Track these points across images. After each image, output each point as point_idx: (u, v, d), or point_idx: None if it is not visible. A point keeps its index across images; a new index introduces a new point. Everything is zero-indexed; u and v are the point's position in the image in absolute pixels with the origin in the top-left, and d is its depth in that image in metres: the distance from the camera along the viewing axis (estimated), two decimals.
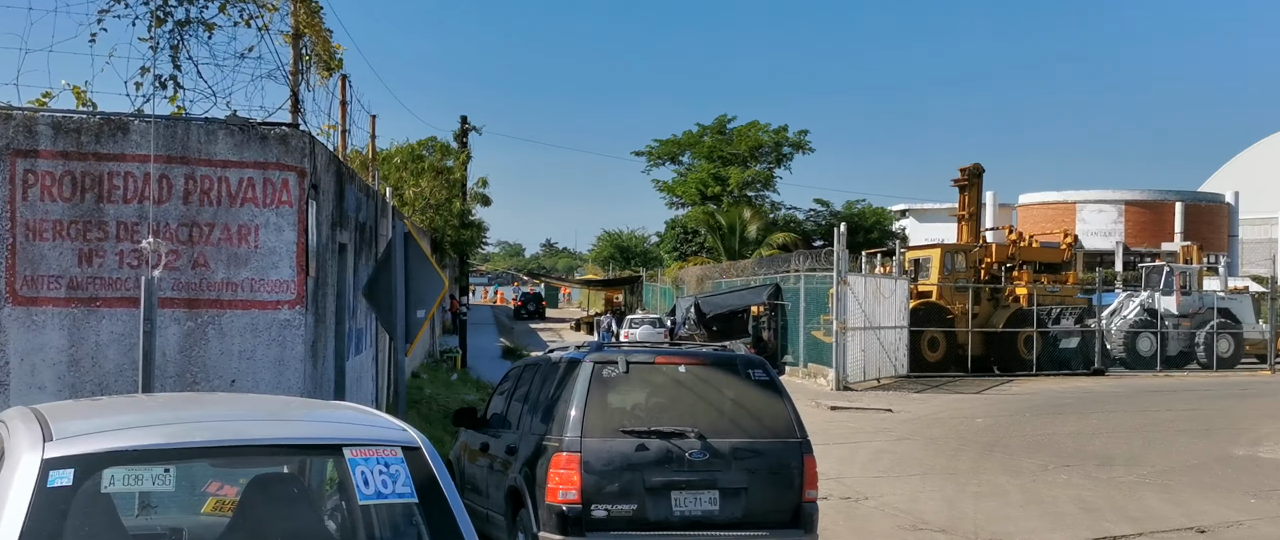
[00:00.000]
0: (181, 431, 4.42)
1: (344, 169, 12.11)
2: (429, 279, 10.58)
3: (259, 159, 9.36)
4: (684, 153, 66.20)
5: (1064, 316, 35.91)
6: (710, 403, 9.24)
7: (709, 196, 61.98)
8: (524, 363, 11.31)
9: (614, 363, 9.17)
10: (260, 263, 9.36)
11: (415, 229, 24.43)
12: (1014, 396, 29.10)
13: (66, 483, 4.03)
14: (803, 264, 36.08)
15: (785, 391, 9.56)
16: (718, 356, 9.67)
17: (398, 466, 4.42)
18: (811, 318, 33.20)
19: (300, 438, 4.72)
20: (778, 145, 62.71)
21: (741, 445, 9.07)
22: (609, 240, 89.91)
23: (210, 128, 9.28)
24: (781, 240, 54.89)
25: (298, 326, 9.44)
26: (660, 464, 8.85)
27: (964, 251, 36.32)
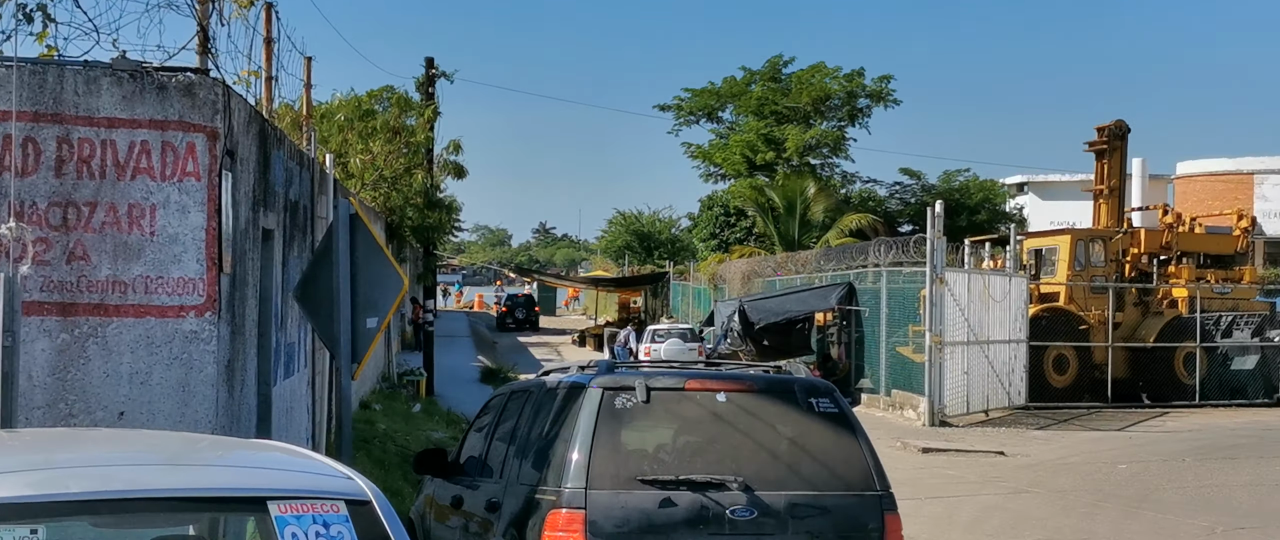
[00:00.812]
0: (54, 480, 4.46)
1: (270, 130, 12.19)
2: (383, 276, 10.64)
3: (156, 116, 9.43)
4: (725, 107, 66.25)
5: (1238, 327, 35.80)
6: (760, 443, 9.26)
7: (759, 166, 62.00)
8: (510, 389, 11.36)
9: (630, 389, 9.19)
10: (158, 255, 9.43)
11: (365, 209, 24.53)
12: (1170, 435, 29.04)
13: None
14: (884, 256, 36.07)
15: (860, 427, 9.57)
16: (770, 380, 9.69)
17: (341, 526, 4.46)
18: (897, 328, 33.20)
19: (213, 488, 4.75)
20: (851, 96, 62.70)
21: (802, 500, 9.08)
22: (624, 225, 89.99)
23: (91, 75, 9.35)
24: (856, 224, 54.91)
25: (208, 340, 9.51)
26: (693, 524, 8.88)
27: (1102, 239, 36.27)
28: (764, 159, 61.62)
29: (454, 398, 34.05)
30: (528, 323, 76.40)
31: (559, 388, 9.81)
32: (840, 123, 63.38)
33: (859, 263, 38.56)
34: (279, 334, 12.93)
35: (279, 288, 12.78)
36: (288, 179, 13.35)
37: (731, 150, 63.26)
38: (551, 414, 9.65)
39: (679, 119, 67.36)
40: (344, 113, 30.91)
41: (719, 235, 64.47)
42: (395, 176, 32.93)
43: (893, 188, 64.90)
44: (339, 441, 11.78)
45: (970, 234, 43.03)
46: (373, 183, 31.58)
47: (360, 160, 30.39)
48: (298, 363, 14.64)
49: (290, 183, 13.57)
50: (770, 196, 58.74)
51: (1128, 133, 38.65)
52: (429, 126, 35.01)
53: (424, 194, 34.40)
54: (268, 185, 11.90)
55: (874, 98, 63.05)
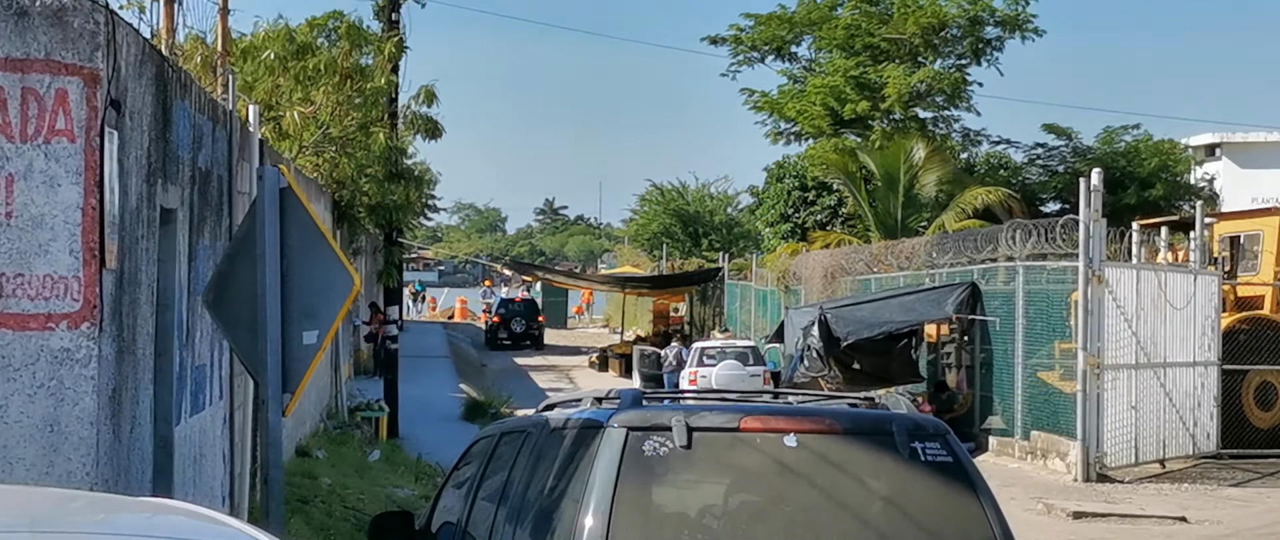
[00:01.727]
0: None
1: (171, 72, 12.30)
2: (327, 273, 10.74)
3: (14, 54, 9.61)
4: (801, 39, 66.31)
5: None
6: (844, 505, 9.29)
7: (848, 121, 62.09)
8: (500, 429, 11.46)
9: (664, 429, 9.23)
10: (16, 244, 9.59)
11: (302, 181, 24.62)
12: None
13: None
14: (1022, 246, 36.01)
15: (984, 483, 9.60)
16: (859, 418, 9.75)
17: None
18: (1039, 346, 33.20)
19: None
20: (975, 24, 62.61)
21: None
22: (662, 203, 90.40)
23: None
24: (982, 201, 54.86)
25: (86, 361, 9.63)
26: None
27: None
28: (855, 111, 61.62)
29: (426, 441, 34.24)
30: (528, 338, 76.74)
31: (567, 427, 9.84)
32: (960, 61, 63.34)
33: (986, 255, 38.50)
34: (184, 353, 13.05)
35: (184, 289, 12.89)
36: (196, 140, 13.45)
37: (810, 99, 63.27)
38: (557, 463, 9.69)
39: (737, 56, 67.45)
40: (274, 49, 30.93)
41: (793, 217, 64.58)
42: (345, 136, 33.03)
43: (1033, 151, 64.92)
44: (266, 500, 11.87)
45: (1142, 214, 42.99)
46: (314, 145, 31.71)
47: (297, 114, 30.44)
48: (210, 392, 14.76)
49: (200, 145, 13.68)
50: (864, 163, 58.79)
51: None
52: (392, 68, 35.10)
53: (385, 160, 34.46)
54: (168, 149, 12.00)
55: (1006, 26, 62.90)
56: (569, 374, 62.28)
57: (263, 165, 13.42)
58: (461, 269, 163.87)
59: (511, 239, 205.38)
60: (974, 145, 64.30)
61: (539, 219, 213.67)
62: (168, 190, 12.04)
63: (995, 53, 63.54)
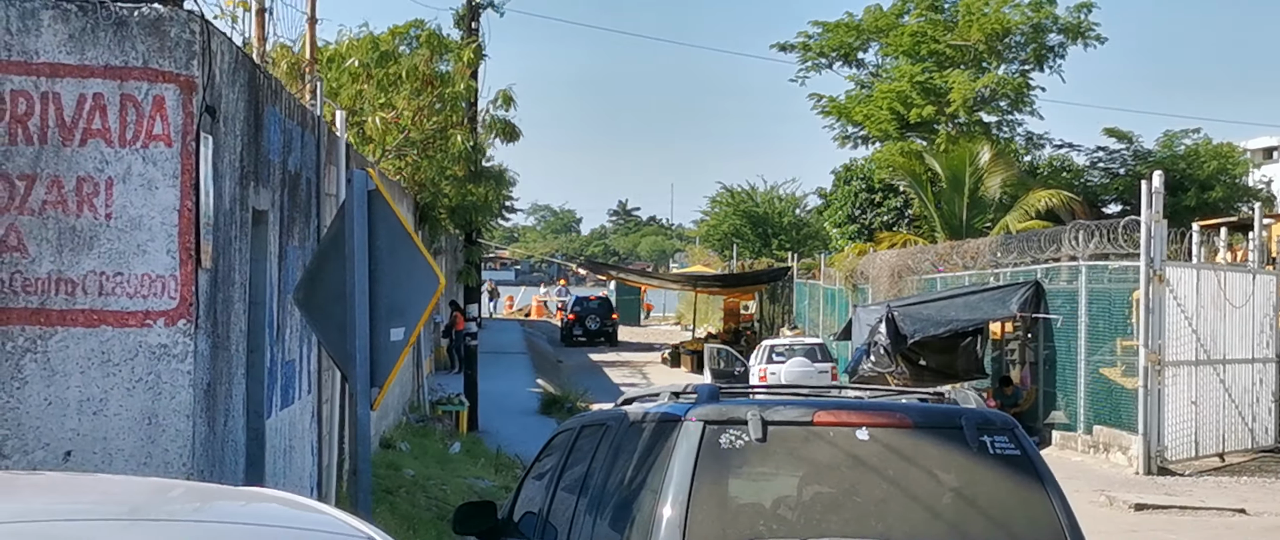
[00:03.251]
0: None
1: (263, 79, 12.36)
2: (413, 273, 10.78)
3: (113, 62, 9.64)
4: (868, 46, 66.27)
5: None
6: (915, 496, 9.28)
7: (914, 125, 62.01)
8: (579, 423, 11.47)
9: (740, 423, 9.25)
10: (117, 244, 9.63)
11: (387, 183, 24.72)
12: None
13: None
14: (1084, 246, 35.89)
15: (1051, 475, 9.58)
16: (929, 412, 9.74)
17: None
18: (1101, 343, 33.09)
19: None
20: (1038, 31, 62.50)
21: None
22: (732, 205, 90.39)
23: (27, 8, 9.56)
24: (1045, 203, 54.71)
25: (182, 356, 9.69)
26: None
27: None
28: (921, 115, 61.54)
29: (505, 435, 34.30)
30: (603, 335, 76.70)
31: (646, 421, 9.86)
32: (1024, 67, 63.19)
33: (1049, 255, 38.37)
34: (275, 349, 13.11)
35: (274, 288, 12.95)
36: (286, 144, 13.52)
37: (877, 104, 63.21)
38: (635, 456, 9.71)
39: (806, 62, 67.36)
40: (358, 57, 31.07)
41: (860, 218, 64.56)
42: (426, 140, 33.10)
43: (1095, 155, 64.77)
44: (354, 491, 11.92)
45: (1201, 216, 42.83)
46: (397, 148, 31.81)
47: (380, 119, 30.58)
48: (300, 387, 14.83)
49: (289, 149, 13.75)
50: (930, 166, 58.65)
51: None
52: (471, 74, 35.12)
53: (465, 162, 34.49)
54: (259, 153, 12.06)
55: (1069, 33, 62.75)
56: (642, 369, 62.30)
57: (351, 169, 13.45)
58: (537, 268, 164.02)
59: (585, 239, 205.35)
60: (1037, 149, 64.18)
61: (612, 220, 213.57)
62: (259, 192, 12.11)
63: (1058, 59, 63.42)
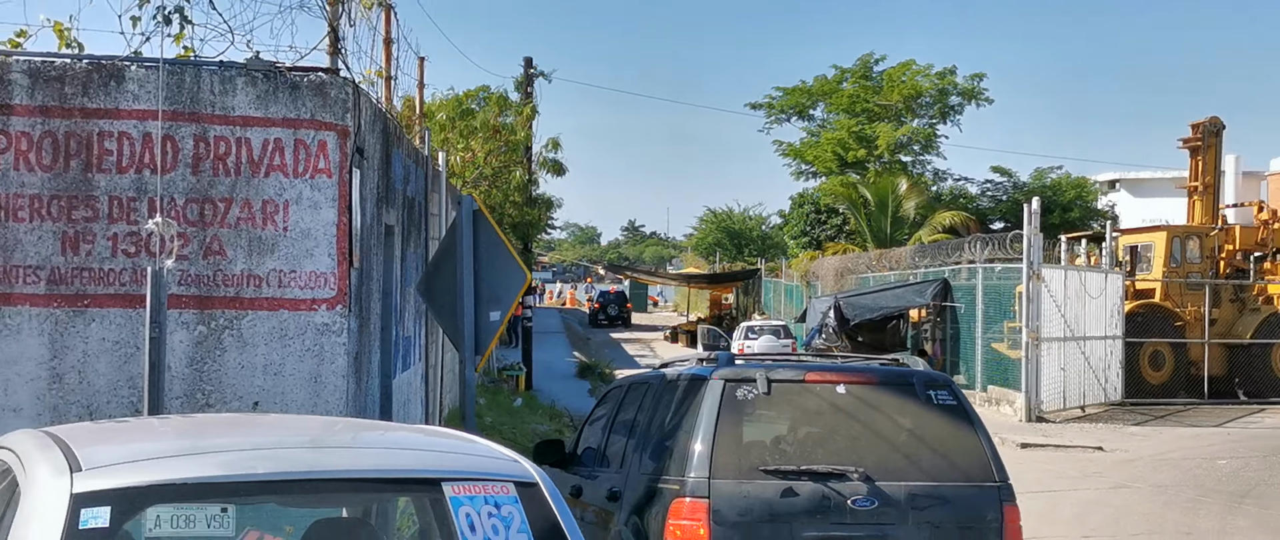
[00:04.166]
0: (242, 461, 4.59)
1: (392, 128, 12.39)
2: (506, 270, 10.77)
3: (289, 115, 9.64)
4: (816, 105, 66.11)
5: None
6: (879, 434, 9.32)
7: (850, 163, 61.88)
8: (628, 381, 11.44)
9: (751, 381, 9.28)
10: (291, 250, 9.64)
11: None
12: (1270, 431, 28.75)
13: (102, 524, 4.21)
14: (980, 253, 35.92)
15: (979, 419, 9.62)
16: (889, 373, 9.76)
17: (511, 507, 4.57)
18: (992, 325, 33.06)
19: (392, 470, 4.87)
20: (943, 94, 62.41)
21: (922, 490, 9.14)
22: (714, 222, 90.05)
23: (227, 75, 9.56)
24: (948, 221, 54.64)
25: (339, 332, 9.71)
26: (814, 514, 8.95)
27: (1198, 236, 35.96)
28: (855, 156, 61.53)
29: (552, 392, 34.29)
30: (620, 319, 76.62)
31: (680, 380, 9.88)
32: (932, 120, 63.14)
33: (954, 259, 38.38)
34: (398, 328, 13.13)
35: (398, 282, 12.98)
36: (405, 176, 13.55)
37: (822, 148, 63.18)
38: (673, 405, 9.73)
39: (770, 117, 67.30)
40: (445, 112, 31.20)
41: (810, 232, 64.41)
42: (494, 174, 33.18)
43: (984, 185, 64.66)
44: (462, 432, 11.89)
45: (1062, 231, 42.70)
46: (473, 181, 31.85)
47: (461, 158, 30.68)
48: (413, 356, 14.84)
49: (408, 180, 13.78)
50: (862, 193, 58.57)
51: (1222, 129, 38.34)
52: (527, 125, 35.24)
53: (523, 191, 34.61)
54: (389, 182, 12.09)
55: (966, 96, 62.73)
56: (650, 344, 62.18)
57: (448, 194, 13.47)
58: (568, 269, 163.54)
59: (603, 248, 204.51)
60: (941, 181, 63.99)
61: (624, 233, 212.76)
62: (389, 212, 12.14)
63: (957, 114, 63.44)
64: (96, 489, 4.30)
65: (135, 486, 4.34)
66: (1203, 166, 37.60)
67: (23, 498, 4.44)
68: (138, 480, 4.37)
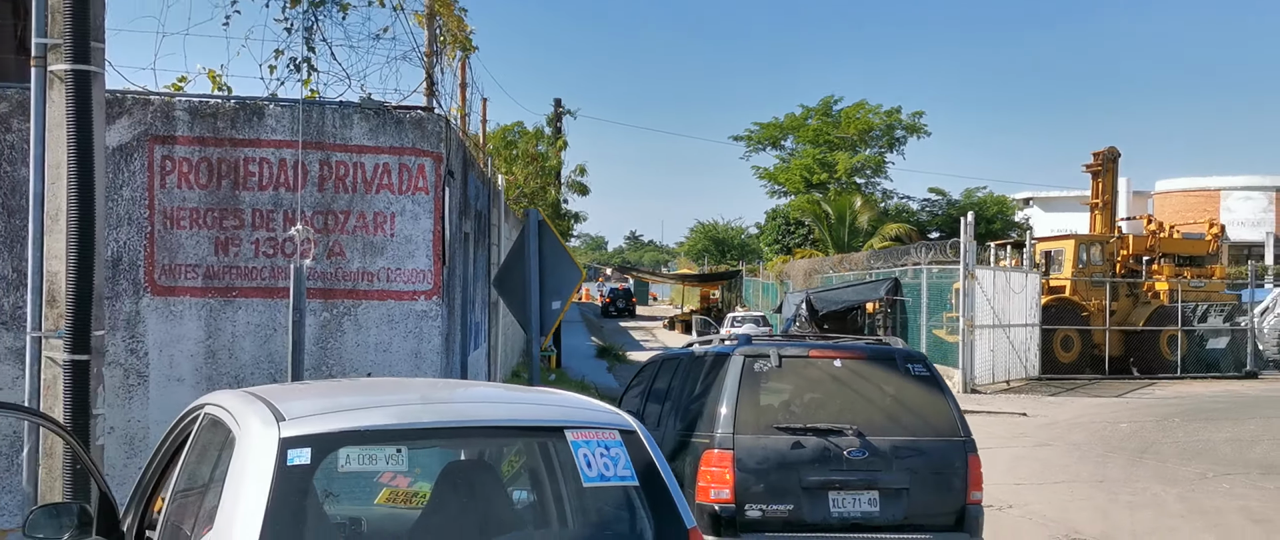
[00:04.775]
0: (410, 412, 4.73)
1: (468, 155, 12.49)
2: (565, 269, 10.89)
3: (394, 144, 9.74)
4: (786, 137, 66.16)
5: (1211, 314, 35.51)
6: (868, 399, 9.43)
7: (814, 184, 61.92)
8: (661, 357, 11.51)
9: (765, 357, 9.40)
10: (397, 251, 9.73)
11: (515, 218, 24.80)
12: (1159, 400, 28.86)
13: (304, 461, 4.35)
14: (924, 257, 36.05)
15: (948, 387, 9.74)
16: (875, 350, 9.86)
17: (618, 449, 4.69)
18: (933, 315, 33.16)
19: (527, 420, 4.99)
20: (890, 128, 62.49)
21: (902, 443, 9.25)
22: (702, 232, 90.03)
23: (345, 111, 9.67)
24: (895, 232, 54.71)
25: (434, 318, 9.81)
26: (817, 462, 9.07)
27: (1099, 243, 36.07)
28: (819, 179, 61.54)
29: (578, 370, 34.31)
30: (627, 311, 76.56)
31: (707, 356, 9.97)
32: (881, 150, 63.19)
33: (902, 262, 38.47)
34: (471, 315, 13.22)
35: (471, 278, 13.08)
36: (477, 194, 13.66)
37: (792, 172, 63.18)
38: (701, 376, 9.83)
39: (749, 147, 67.30)
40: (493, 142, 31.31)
41: (782, 240, 64.43)
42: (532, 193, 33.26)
43: (923, 202, 64.68)
44: None
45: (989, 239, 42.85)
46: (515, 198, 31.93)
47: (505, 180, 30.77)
48: (481, 338, 14.94)
49: (478, 197, 13.89)
50: (824, 209, 58.61)
51: (1118, 157, 38.49)
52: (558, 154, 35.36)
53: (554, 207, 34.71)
54: (466, 198, 12.19)
55: (909, 130, 62.76)
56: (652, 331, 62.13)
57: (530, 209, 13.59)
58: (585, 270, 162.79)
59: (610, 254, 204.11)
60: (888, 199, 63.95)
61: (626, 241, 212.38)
62: (466, 222, 12.25)
63: (902, 145, 63.45)
64: (299, 435, 4.43)
65: (329, 432, 4.48)
66: (1103, 187, 37.74)
67: (238, 443, 4.57)
68: (330, 427, 4.50)
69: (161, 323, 9.28)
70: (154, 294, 9.26)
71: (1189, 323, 35.05)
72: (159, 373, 9.27)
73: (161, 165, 9.27)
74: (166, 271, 9.32)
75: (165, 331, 9.29)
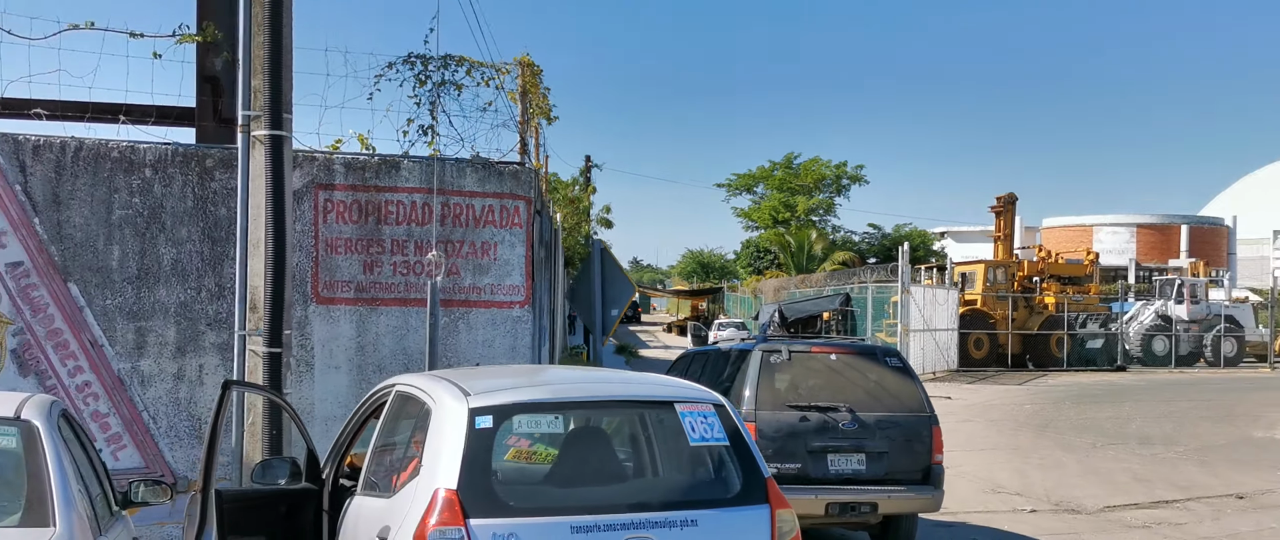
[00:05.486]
0: (561, 390, 4.92)
1: (546, 199, 12.65)
2: (621, 285, 11.08)
3: (497, 190, 9.90)
4: (758, 185, 66.27)
5: (1089, 322, 35.71)
6: (856, 384, 9.60)
7: (780, 221, 62.07)
8: (691, 353, 11.65)
9: (779, 351, 9.58)
10: (498, 271, 9.89)
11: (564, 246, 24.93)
12: (1052, 388, 29.04)
13: (488, 425, 4.55)
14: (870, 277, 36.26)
15: (917, 375, 9.93)
16: (861, 347, 10.05)
17: (712, 418, 4.87)
18: (877, 321, 33.35)
19: (648, 395, 5.14)
20: (838, 178, 62.65)
21: (883, 418, 9.44)
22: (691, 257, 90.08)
23: (460, 165, 9.84)
24: (842, 258, 54.89)
25: (526, 322, 9.96)
26: (818, 432, 9.26)
27: (1004, 266, 36.29)
28: (783, 217, 61.64)
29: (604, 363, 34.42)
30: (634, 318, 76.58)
31: (732, 352, 10.13)
32: (831, 194, 63.30)
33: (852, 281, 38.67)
34: (546, 320, 13.37)
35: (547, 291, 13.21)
36: (549, 226, 13.82)
37: (763, 211, 63.27)
38: (727, 368, 9.97)
39: (730, 192, 67.40)
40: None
41: (754, 264, 64.56)
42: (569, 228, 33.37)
43: (863, 235, 64.73)
44: None
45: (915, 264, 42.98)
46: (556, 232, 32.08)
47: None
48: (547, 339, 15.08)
49: (549, 229, 14.06)
50: (788, 240, 58.82)
51: (1016, 200, 38.70)
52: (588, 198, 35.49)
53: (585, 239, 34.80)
54: (542, 230, 12.37)
55: (852, 179, 62.92)
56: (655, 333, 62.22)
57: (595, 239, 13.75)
58: None
59: None
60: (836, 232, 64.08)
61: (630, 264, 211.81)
62: (540, 249, 12.42)
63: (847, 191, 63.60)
64: (483, 405, 4.62)
65: (506, 404, 4.66)
66: (1004, 223, 37.94)
67: (434, 413, 4.74)
68: (507, 400, 4.69)
69: (323, 325, 9.46)
70: (318, 303, 9.45)
71: (1072, 328, 35.23)
72: (321, 363, 9.45)
73: (324, 206, 9.47)
74: (327, 286, 9.51)
75: (326, 331, 9.47)
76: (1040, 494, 13.67)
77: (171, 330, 9.02)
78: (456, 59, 9.93)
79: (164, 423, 8.99)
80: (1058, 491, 13.86)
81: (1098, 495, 13.54)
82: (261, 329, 7.61)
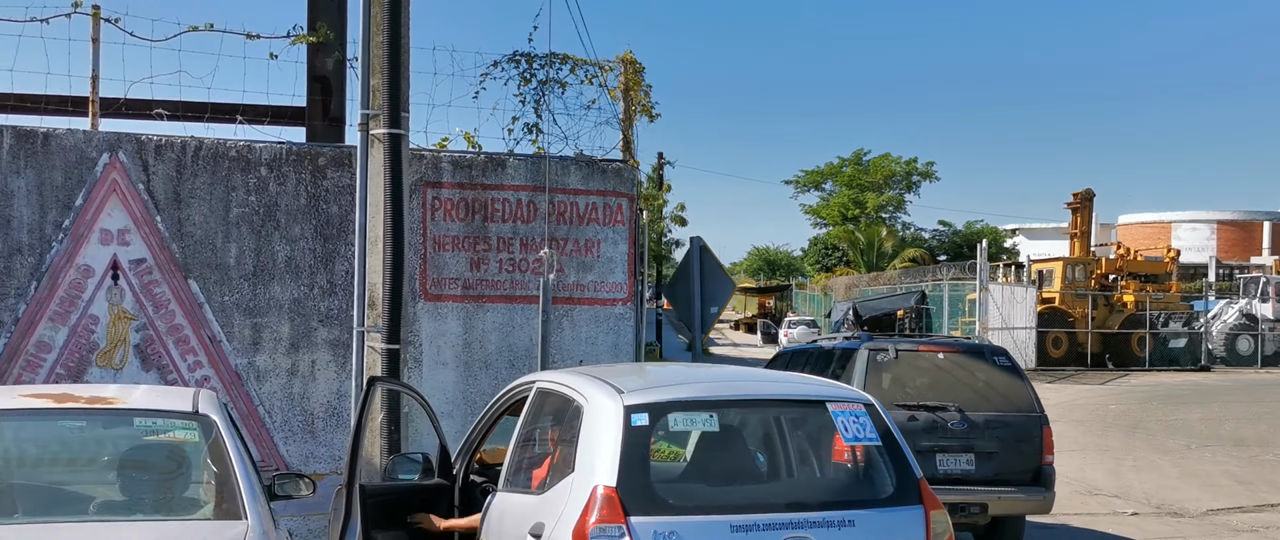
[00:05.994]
0: (714, 389, 4.87)
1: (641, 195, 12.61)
2: (720, 282, 10.98)
3: (600, 188, 9.89)
4: (827, 181, 65.87)
5: (1171, 320, 34.92)
6: (965, 383, 9.44)
7: (849, 217, 61.61)
8: (791, 350, 11.55)
9: (885, 350, 9.45)
10: (602, 268, 9.88)
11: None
12: (1136, 387, 28.43)
13: (644, 423, 4.51)
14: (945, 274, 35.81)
15: (1026, 375, 9.74)
16: (969, 346, 9.88)
17: (863, 418, 4.80)
18: (953, 319, 32.93)
19: (799, 394, 5.09)
20: (908, 174, 62.01)
21: (992, 417, 9.28)
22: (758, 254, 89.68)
23: (564, 163, 9.85)
24: (912, 255, 54.31)
25: (628, 318, 9.93)
26: (927, 431, 9.12)
27: (1082, 264, 35.62)
28: (852, 214, 61.18)
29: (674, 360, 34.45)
30: None
31: (836, 350, 10.02)
32: (901, 191, 62.66)
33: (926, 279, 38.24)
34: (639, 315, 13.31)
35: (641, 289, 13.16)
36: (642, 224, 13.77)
37: (832, 208, 62.87)
38: (831, 365, 9.84)
39: (797, 189, 67.01)
40: None
41: (822, 262, 64.14)
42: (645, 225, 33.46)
43: (933, 232, 64.09)
44: None
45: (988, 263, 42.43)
46: None
47: None
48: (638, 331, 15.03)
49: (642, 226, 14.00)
50: (857, 237, 58.37)
51: (1093, 196, 37.95)
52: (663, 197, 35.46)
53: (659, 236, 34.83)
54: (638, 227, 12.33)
55: (923, 175, 62.25)
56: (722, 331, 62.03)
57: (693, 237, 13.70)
58: None
59: None
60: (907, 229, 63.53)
61: None
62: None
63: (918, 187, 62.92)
64: (638, 403, 4.58)
65: (659, 401, 4.63)
66: (1081, 220, 37.23)
67: (587, 411, 4.71)
68: (660, 398, 4.65)
69: (431, 321, 9.52)
70: (426, 300, 9.50)
71: (1154, 326, 34.47)
72: (429, 358, 9.50)
73: (432, 204, 9.52)
74: (435, 283, 9.57)
75: (434, 328, 9.53)
76: (1139, 496, 13.38)
77: (286, 326, 9.12)
78: (561, 57, 9.94)
79: (278, 417, 9.10)
80: (1157, 494, 13.55)
81: (1199, 498, 13.21)
82: (380, 326, 7.66)
